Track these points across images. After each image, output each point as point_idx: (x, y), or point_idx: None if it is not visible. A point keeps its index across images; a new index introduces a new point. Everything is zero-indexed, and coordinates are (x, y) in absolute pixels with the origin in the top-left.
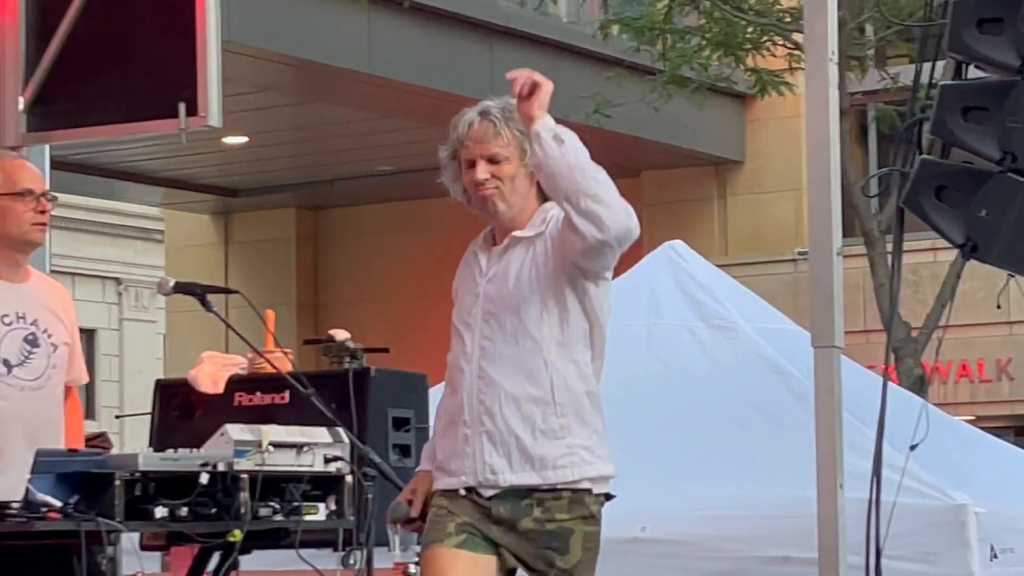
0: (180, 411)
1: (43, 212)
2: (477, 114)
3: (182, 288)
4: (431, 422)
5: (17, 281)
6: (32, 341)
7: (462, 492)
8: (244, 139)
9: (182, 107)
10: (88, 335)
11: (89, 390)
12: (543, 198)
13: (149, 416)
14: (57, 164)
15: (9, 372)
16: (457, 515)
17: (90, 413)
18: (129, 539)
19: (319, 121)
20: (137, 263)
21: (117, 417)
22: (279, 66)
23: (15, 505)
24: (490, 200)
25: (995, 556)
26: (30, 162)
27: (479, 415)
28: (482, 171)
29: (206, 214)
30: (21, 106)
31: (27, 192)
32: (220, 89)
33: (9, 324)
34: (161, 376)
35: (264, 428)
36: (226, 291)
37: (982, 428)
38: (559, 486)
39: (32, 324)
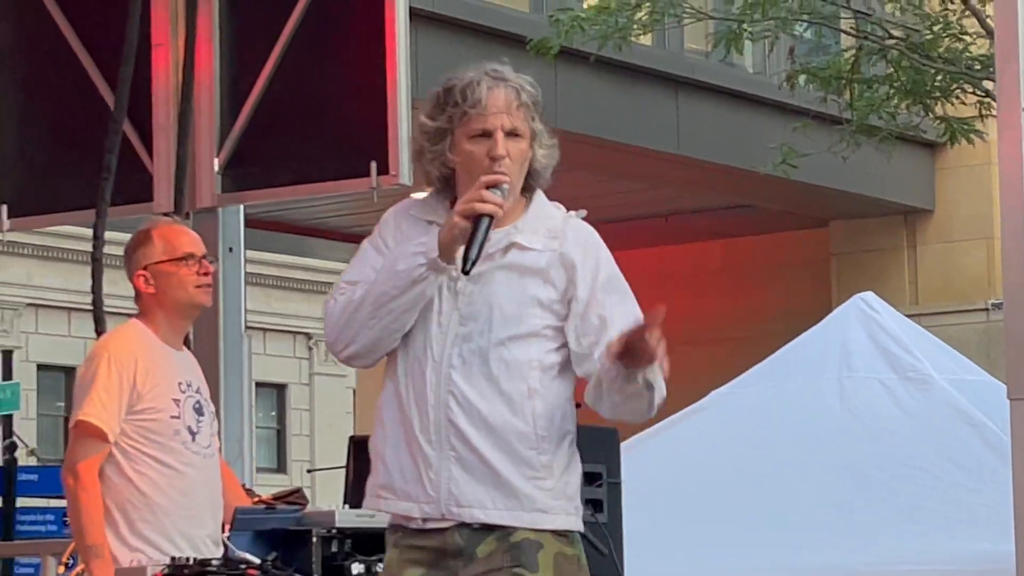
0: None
1: (206, 274)
2: (491, 78)
3: None
4: (622, 477)
5: (180, 349)
6: (199, 409)
7: (419, 523)
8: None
9: (373, 166)
10: (279, 390)
11: (280, 444)
12: (526, 188)
13: (341, 470)
14: (248, 222)
15: (193, 440)
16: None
17: (281, 467)
18: None
19: None
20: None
21: (308, 471)
22: None
23: (215, 562)
24: (501, 189)
25: None
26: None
27: (447, 436)
28: (501, 145)
29: None
30: (216, 167)
31: (188, 256)
32: (410, 147)
33: (184, 392)
34: (351, 430)
35: None
36: None
37: None
38: (539, 528)
39: (197, 392)
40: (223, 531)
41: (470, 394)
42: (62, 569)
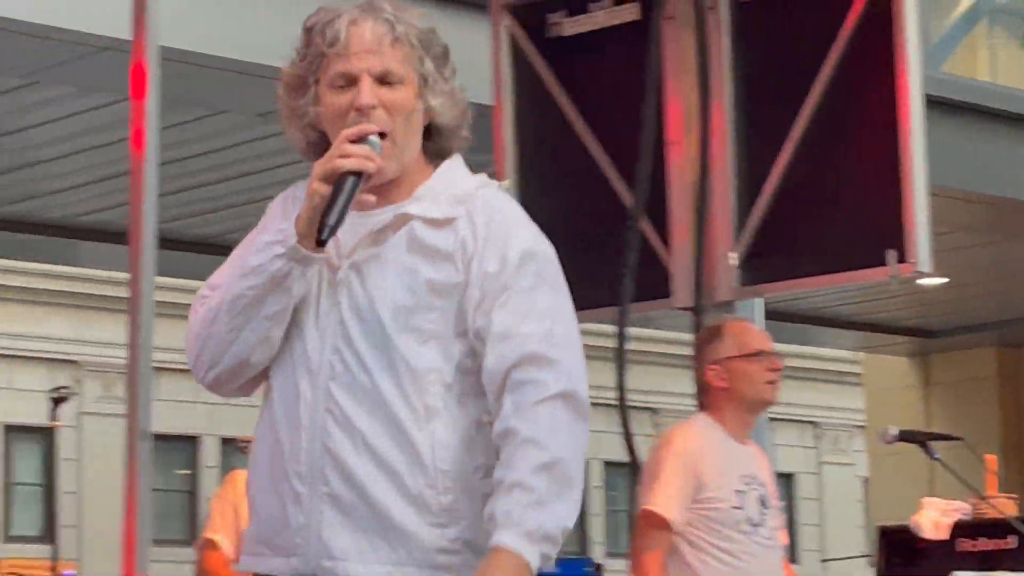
0: (902, 557)
1: (775, 370)
2: (356, 10)
3: (905, 436)
4: None
5: (745, 443)
6: (764, 502)
7: None
8: (943, 280)
9: (891, 254)
10: (786, 479)
11: (791, 534)
12: (434, 154)
13: (864, 560)
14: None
15: (756, 531)
16: None
17: (793, 557)
18: None
19: (1017, 257)
20: (833, 406)
21: (823, 561)
22: (974, 205)
23: None
24: (370, 141)
25: None
26: (749, 320)
27: (321, 468)
28: (368, 93)
29: (904, 356)
30: (733, 260)
31: (760, 353)
32: (929, 235)
33: (748, 484)
34: (860, 520)
35: (992, 575)
36: (948, 438)
37: None
38: None
39: (761, 485)
40: None
41: (352, 412)
42: None
